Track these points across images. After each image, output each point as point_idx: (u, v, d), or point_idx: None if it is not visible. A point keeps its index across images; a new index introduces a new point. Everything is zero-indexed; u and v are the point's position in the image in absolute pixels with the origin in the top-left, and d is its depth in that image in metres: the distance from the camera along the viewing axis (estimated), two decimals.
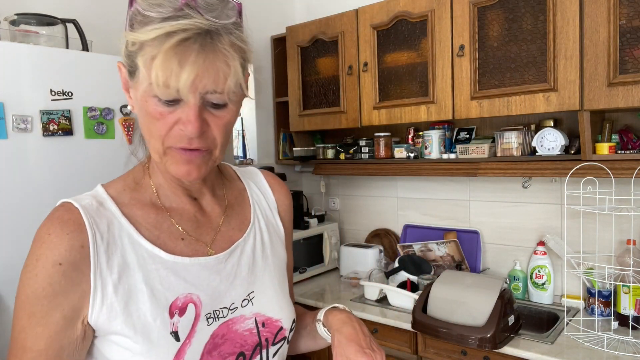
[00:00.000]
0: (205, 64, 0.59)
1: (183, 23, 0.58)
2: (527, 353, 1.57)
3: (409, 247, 2.36)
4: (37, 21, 1.56)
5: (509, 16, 1.79)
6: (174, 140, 0.64)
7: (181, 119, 0.62)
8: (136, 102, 0.66)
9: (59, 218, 0.65)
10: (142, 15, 0.61)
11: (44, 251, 0.63)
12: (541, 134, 1.82)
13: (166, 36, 0.58)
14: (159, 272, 0.69)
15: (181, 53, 0.58)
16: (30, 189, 1.36)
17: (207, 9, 0.61)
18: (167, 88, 0.59)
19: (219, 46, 0.60)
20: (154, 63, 0.58)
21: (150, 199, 0.74)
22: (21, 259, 1.34)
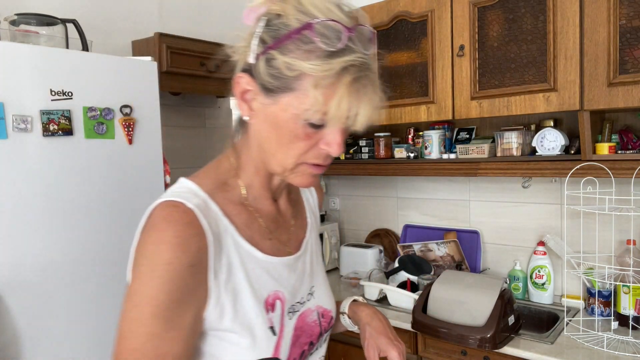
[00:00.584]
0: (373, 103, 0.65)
1: (351, 59, 0.62)
2: (527, 353, 1.57)
3: (409, 247, 2.36)
4: (37, 21, 1.56)
5: (509, 16, 1.79)
6: (312, 157, 0.69)
7: (325, 140, 0.67)
8: (268, 117, 0.68)
9: (181, 221, 0.65)
10: (310, 45, 0.62)
11: (177, 254, 0.63)
12: (541, 134, 1.82)
13: (342, 72, 0.61)
14: (255, 271, 0.73)
15: (357, 91, 0.63)
16: (30, 189, 1.36)
17: (360, 39, 0.64)
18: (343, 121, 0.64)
19: (375, 80, 0.66)
20: (334, 96, 0.62)
21: (239, 199, 0.76)
22: (21, 259, 1.35)
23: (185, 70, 2.10)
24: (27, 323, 1.35)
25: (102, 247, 1.51)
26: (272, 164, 0.71)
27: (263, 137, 0.71)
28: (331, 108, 0.62)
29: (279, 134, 0.67)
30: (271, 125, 0.68)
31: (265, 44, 0.65)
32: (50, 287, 1.40)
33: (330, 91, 0.62)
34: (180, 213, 0.65)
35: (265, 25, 0.66)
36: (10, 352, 1.32)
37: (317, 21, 0.62)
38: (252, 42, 0.67)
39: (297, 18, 0.63)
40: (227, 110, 2.61)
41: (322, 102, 0.62)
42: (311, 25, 0.62)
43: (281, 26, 0.64)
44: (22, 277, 1.34)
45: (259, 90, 0.67)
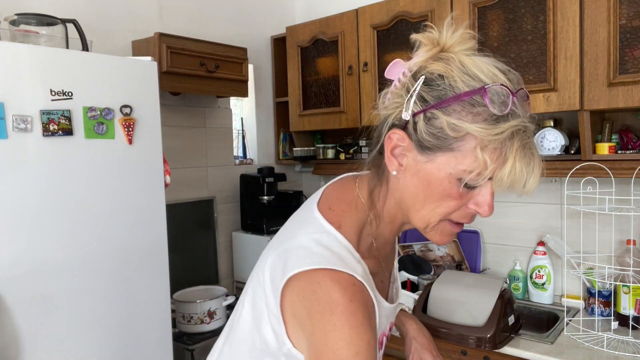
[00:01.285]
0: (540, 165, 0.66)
1: (515, 124, 0.63)
2: (527, 353, 1.57)
3: (409, 247, 2.36)
4: (37, 21, 1.56)
5: (509, 16, 1.79)
6: (458, 216, 0.70)
7: (475, 200, 0.68)
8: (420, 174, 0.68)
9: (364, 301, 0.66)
10: (480, 108, 0.63)
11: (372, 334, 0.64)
12: (541, 134, 1.82)
13: (511, 136, 0.62)
14: (380, 319, 0.75)
15: (526, 156, 0.64)
16: (30, 189, 1.36)
17: (522, 105, 0.65)
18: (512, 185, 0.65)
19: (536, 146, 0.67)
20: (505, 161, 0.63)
21: (368, 247, 0.77)
22: (21, 259, 1.35)
23: (185, 70, 2.10)
24: (27, 323, 1.35)
25: (102, 247, 1.51)
26: (415, 219, 0.72)
27: (410, 192, 0.71)
28: (503, 173, 0.64)
29: (429, 191, 0.68)
30: (421, 182, 0.68)
31: (426, 103, 0.66)
32: (50, 287, 1.40)
33: (496, 155, 0.63)
34: (361, 293, 0.66)
35: (424, 84, 0.66)
36: (10, 352, 1.32)
37: (489, 86, 0.63)
38: (411, 99, 0.67)
39: (464, 81, 0.64)
40: (227, 110, 2.61)
41: (491, 165, 0.63)
42: (485, 89, 0.63)
43: (447, 87, 0.65)
44: (22, 277, 1.34)
45: (413, 147, 0.68)
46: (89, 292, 1.48)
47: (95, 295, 1.50)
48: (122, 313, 1.56)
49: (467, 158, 0.64)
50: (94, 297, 1.49)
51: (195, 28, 2.38)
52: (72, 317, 1.44)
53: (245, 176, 2.54)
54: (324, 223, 0.73)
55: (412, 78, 0.68)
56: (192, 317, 1.99)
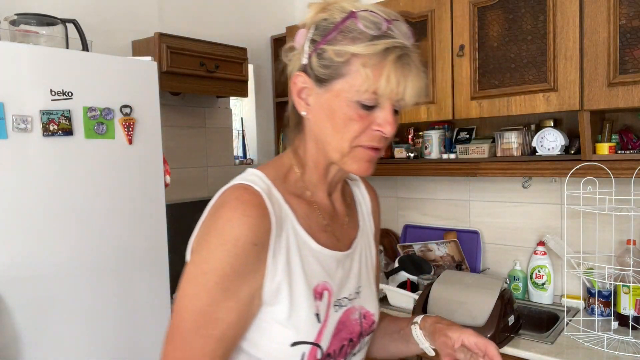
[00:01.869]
0: (418, 78, 0.72)
1: (393, 41, 0.70)
2: (527, 353, 1.57)
3: (409, 247, 2.36)
4: (37, 21, 1.56)
5: (509, 16, 1.79)
6: (366, 140, 0.74)
7: (377, 121, 0.73)
8: (323, 106, 0.74)
9: (250, 202, 0.71)
10: (355, 32, 0.70)
11: (246, 232, 0.69)
12: (541, 134, 1.82)
13: (386, 51, 0.69)
14: (308, 258, 0.77)
15: (402, 66, 0.70)
16: (30, 189, 1.36)
17: (401, 30, 0.72)
18: (394, 95, 0.70)
19: (419, 66, 0.73)
20: (382, 73, 0.69)
21: (299, 191, 0.81)
22: (21, 259, 1.35)
23: (185, 70, 2.10)
24: (27, 323, 1.35)
25: (102, 247, 1.51)
26: (330, 151, 0.76)
27: (319, 128, 0.76)
28: (381, 84, 0.69)
29: (334, 120, 0.73)
30: (326, 114, 0.74)
31: (316, 43, 0.74)
32: (50, 287, 1.40)
33: (378, 69, 0.69)
34: (250, 195, 0.72)
35: (314, 29, 0.75)
36: (10, 352, 1.32)
37: (359, 10, 0.71)
38: (305, 46, 0.76)
39: (341, 13, 0.72)
40: (227, 110, 2.61)
41: (372, 79, 0.69)
42: (354, 13, 0.71)
43: (328, 24, 0.73)
44: (22, 277, 1.34)
45: (313, 84, 0.75)
46: (88, 292, 1.48)
47: (95, 295, 1.50)
48: (122, 313, 1.56)
49: (356, 79, 0.70)
50: (93, 297, 1.49)
51: (195, 28, 2.37)
52: (71, 317, 1.44)
53: None
54: (249, 169, 0.80)
55: (307, 32, 0.76)
56: None
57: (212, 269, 0.69)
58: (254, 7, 2.69)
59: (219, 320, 0.70)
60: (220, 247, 0.69)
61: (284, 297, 0.73)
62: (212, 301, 0.69)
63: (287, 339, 0.74)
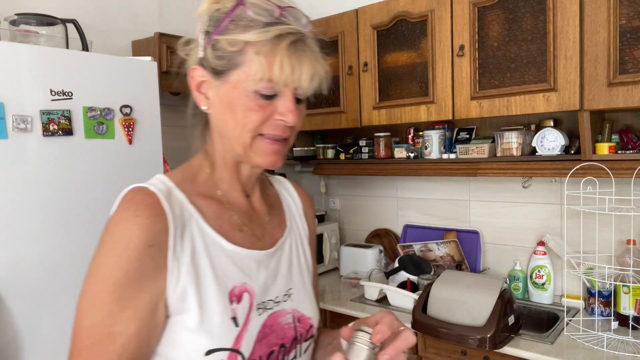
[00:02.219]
0: (314, 64, 0.70)
1: (286, 27, 0.68)
2: (527, 353, 1.57)
3: (409, 247, 2.36)
4: (37, 21, 1.56)
5: (509, 16, 1.79)
6: (268, 129, 0.71)
7: (278, 110, 0.70)
8: (222, 99, 0.72)
9: (143, 202, 0.68)
10: (245, 20, 0.68)
11: (137, 232, 0.65)
12: (541, 134, 1.82)
13: (278, 37, 0.67)
14: (220, 259, 0.73)
15: (295, 52, 0.68)
16: (30, 189, 1.36)
17: (295, 17, 0.71)
18: (288, 82, 0.68)
19: (314, 49, 0.71)
20: (275, 60, 0.67)
21: (210, 192, 0.78)
22: (21, 259, 1.35)
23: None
24: (27, 323, 1.35)
25: None
26: (234, 145, 0.74)
27: (221, 121, 0.74)
28: (275, 71, 0.67)
29: (234, 111, 0.71)
30: (226, 106, 0.72)
31: (209, 34, 0.71)
32: (50, 287, 1.40)
33: (271, 56, 0.67)
34: (143, 195, 0.69)
35: (208, 21, 0.72)
36: (10, 352, 1.32)
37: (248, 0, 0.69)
38: (199, 38, 0.73)
39: (232, 2, 0.70)
40: None
41: (266, 66, 0.67)
42: (243, 2, 0.69)
43: (220, 14, 0.71)
44: (22, 277, 1.34)
45: (210, 77, 0.72)
46: None
47: None
48: None
49: (251, 68, 0.68)
50: None
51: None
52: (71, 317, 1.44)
53: None
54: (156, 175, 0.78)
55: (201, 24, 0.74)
56: None
57: (103, 278, 0.64)
58: None
59: (118, 334, 0.64)
60: (111, 252, 0.65)
61: (191, 302, 0.68)
62: (108, 314, 0.64)
63: (201, 347, 0.68)
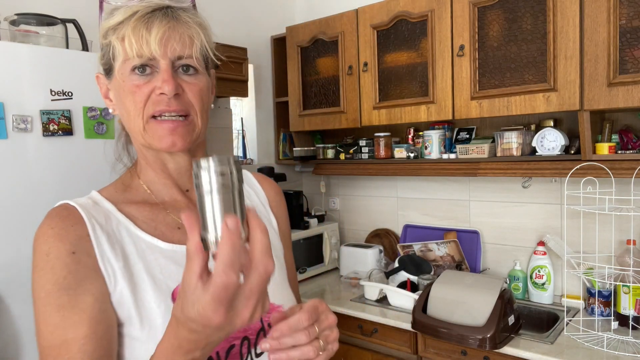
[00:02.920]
0: (169, 27, 0.68)
1: (144, 4, 0.68)
2: (527, 353, 1.57)
3: (409, 247, 2.36)
4: (37, 21, 1.56)
5: (509, 16, 1.79)
6: (153, 106, 0.69)
7: (157, 85, 0.68)
8: (115, 95, 0.72)
9: (58, 214, 0.68)
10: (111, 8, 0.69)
11: (54, 243, 0.65)
12: (541, 134, 1.82)
13: (132, 14, 0.67)
14: (158, 261, 0.71)
15: (147, 21, 0.67)
16: (30, 189, 1.36)
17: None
18: (140, 51, 0.66)
19: (181, 16, 0.69)
20: (126, 35, 0.67)
21: (143, 197, 0.77)
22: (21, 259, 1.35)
23: None
24: (27, 323, 1.35)
25: None
26: (134, 135, 0.73)
27: (122, 119, 0.74)
28: (126, 46, 0.67)
29: (123, 102, 0.71)
30: (119, 101, 0.72)
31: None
32: None
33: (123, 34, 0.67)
34: (59, 209, 0.69)
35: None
36: (10, 352, 1.32)
37: None
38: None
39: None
40: (227, 110, 2.61)
41: (121, 45, 0.67)
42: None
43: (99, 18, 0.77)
44: (22, 277, 1.34)
45: (104, 78, 0.74)
46: None
47: None
48: None
49: (120, 54, 0.68)
50: None
51: None
52: None
53: None
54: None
55: None
56: None
57: (37, 295, 0.64)
58: (254, 7, 2.69)
59: (71, 341, 0.62)
60: (35, 269, 0.65)
61: (130, 308, 0.67)
62: (54, 326, 0.63)
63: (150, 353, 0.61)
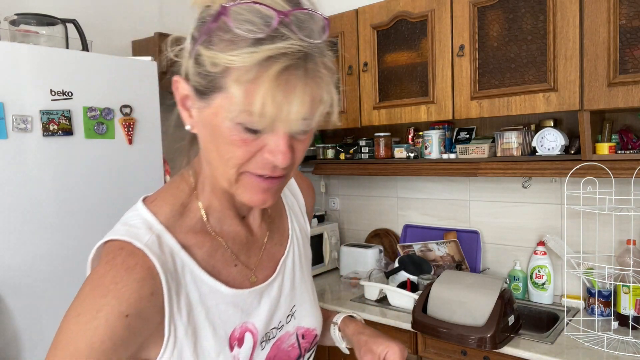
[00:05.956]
0: (310, 95, 0.54)
1: (282, 46, 0.51)
2: (527, 353, 1.57)
3: (409, 247, 2.36)
4: (37, 21, 1.56)
5: (509, 16, 1.79)
6: (254, 167, 0.58)
7: (268, 147, 0.56)
8: (205, 123, 0.58)
9: (123, 264, 0.58)
10: (230, 34, 0.53)
11: (110, 301, 0.56)
12: (541, 134, 1.82)
13: (267, 61, 0.51)
14: (218, 307, 0.66)
15: (286, 83, 0.52)
16: (30, 189, 1.36)
17: (300, 26, 0.53)
18: (271, 121, 0.54)
19: (318, 72, 0.55)
20: (257, 92, 0.52)
21: (200, 224, 0.68)
22: (21, 259, 1.35)
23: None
24: (27, 323, 1.35)
25: None
26: (218, 178, 0.62)
27: (206, 149, 0.62)
28: (256, 106, 0.52)
29: (217, 142, 0.58)
30: (209, 133, 0.58)
31: (194, 41, 0.57)
32: (50, 287, 1.40)
33: (253, 87, 0.52)
34: (124, 256, 0.58)
35: (197, 21, 0.58)
36: (10, 352, 1.32)
37: (232, 4, 0.52)
38: (186, 41, 0.59)
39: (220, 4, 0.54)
40: None
41: (246, 99, 0.52)
42: (226, 9, 0.52)
43: (207, 17, 0.55)
44: (22, 277, 1.34)
45: (193, 94, 0.58)
46: None
47: None
48: None
49: (232, 97, 0.53)
50: None
51: None
52: None
53: None
54: (138, 204, 0.68)
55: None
56: None
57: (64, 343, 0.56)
58: None
59: None
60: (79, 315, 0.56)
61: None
62: None
63: None
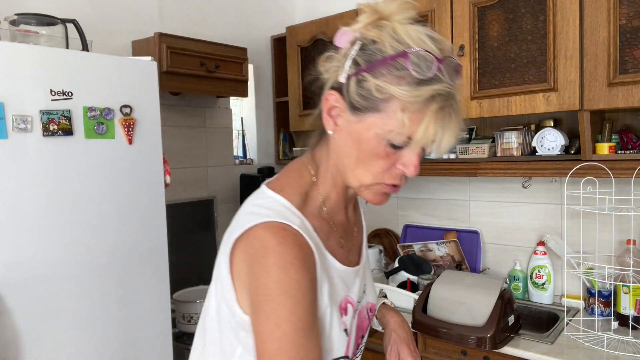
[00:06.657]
0: (459, 128, 0.70)
1: (438, 88, 0.66)
2: (527, 353, 1.57)
3: (409, 247, 2.36)
4: (37, 21, 1.56)
5: (509, 16, 1.79)
6: (389, 177, 0.73)
7: (402, 161, 0.72)
8: (351, 133, 0.73)
9: (295, 243, 0.71)
10: (404, 71, 0.67)
11: (302, 273, 0.69)
12: (541, 134, 1.82)
13: (430, 99, 0.66)
14: (334, 279, 0.79)
15: (442, 118, 0.67)
16: (30, 189, 1.36)
17: (449, 72, 0.68)
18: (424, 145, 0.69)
19: (459, 110, 0.70)
20: (422, 121, 0.67)
21: (319, 211, 0.81)
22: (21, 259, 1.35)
23: (185, 70, 2.10)
24: (27, 323, 1.35)
25: (102, 247, 1.51)
26: (350, 178, 0.76)
27: (344, 152, 0.75)
28: (418, 133, 0.67)
29: (360, 150, 0.72)
30: (353, 142, 0.73)
31: (358, 66, 0.70)
32: (50, 287, 1.40)
33: (416, 116, 0.67)
34: (292, 236, 0.71)
35: (360, 49, 0.71)
36: (10, 352, 1.32)
37: (412, 50, 0.67)
38: (346, 63, 0.72)
39: (392, 46, 0.68)
40: (227, 110, 2.61)
41: (409, 126, 0.67)
42: (407, 53, 0.67)
43: (376, 51, 0.69)
44: (22, 277, 1.34)
45: (346, 108, 0.72)
46: (88, 292, 1.48)
47: (95, 295, 1.50)
48: (122, 313, 1.56)
49: (391, 119, 0.68)
50: (93, 297, 1.49)
51: (195, 28, 2.37)
52: (71, 317, 1.44)
53: (245, 176, 2.54)
54: (266, 191, 0.79)
55: (350, 44, 0.73)
56: (192, 317, 1.99)
57: (285, 318, 0.67)
58: (254, 7, 2.69)
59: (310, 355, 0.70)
60: (284, 295, 0.68)
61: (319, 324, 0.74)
62: (299, 348, 0.67)
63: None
